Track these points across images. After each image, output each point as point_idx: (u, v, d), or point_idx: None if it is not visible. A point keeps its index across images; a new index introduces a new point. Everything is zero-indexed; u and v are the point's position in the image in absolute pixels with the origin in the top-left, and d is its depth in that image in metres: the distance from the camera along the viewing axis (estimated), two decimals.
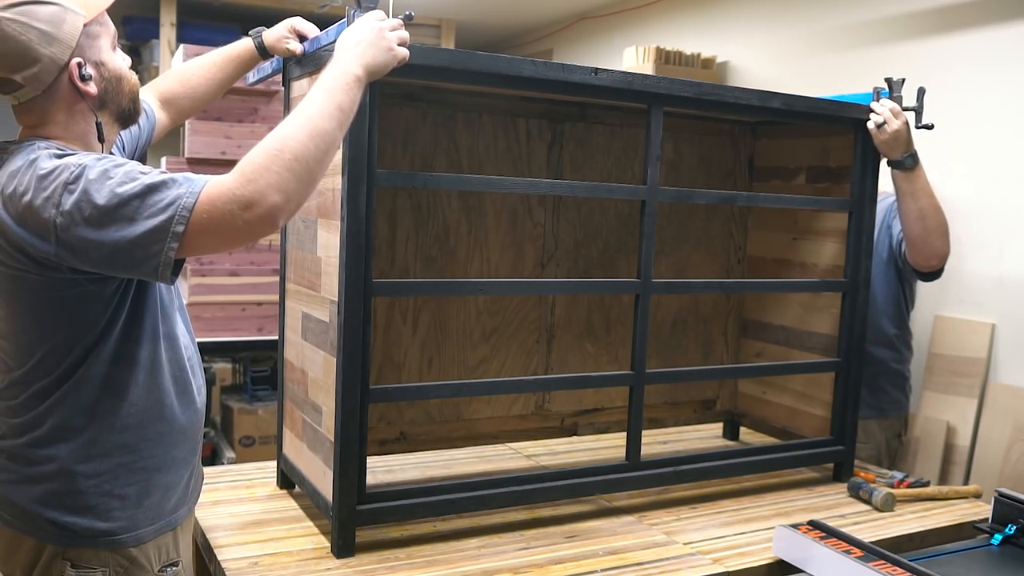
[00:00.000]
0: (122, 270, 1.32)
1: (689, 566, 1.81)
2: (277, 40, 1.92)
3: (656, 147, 2.03)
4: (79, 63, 1.39)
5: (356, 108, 1.43)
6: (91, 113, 1.43)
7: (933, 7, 3.23)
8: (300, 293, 1.97)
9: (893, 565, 1.66)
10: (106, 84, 1.44)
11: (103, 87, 1.43)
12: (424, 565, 1.76)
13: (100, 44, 1.43)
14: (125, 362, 1.43)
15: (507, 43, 6.36)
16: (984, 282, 3.02)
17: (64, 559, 1.40)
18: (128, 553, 1.44)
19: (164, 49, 4.89)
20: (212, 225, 1.26)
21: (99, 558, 1.42)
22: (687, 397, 2.72)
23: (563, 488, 2.02)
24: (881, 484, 2.28)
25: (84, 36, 1.39)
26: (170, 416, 1.49)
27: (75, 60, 1.38)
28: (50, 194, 1.27)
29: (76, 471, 1.41)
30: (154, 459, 1.47)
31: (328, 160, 1.36)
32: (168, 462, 1.50)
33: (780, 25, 3.99)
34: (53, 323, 1.38)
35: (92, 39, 1.41)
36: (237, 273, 4.10)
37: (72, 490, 1.41)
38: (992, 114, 3.00)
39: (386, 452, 2.27)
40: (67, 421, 1.40)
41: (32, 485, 1.41)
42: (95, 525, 1.41)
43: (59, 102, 1.41)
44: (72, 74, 1.39)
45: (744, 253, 2.76)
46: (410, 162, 2.19)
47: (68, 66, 1.38)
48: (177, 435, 1.51)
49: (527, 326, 2.42)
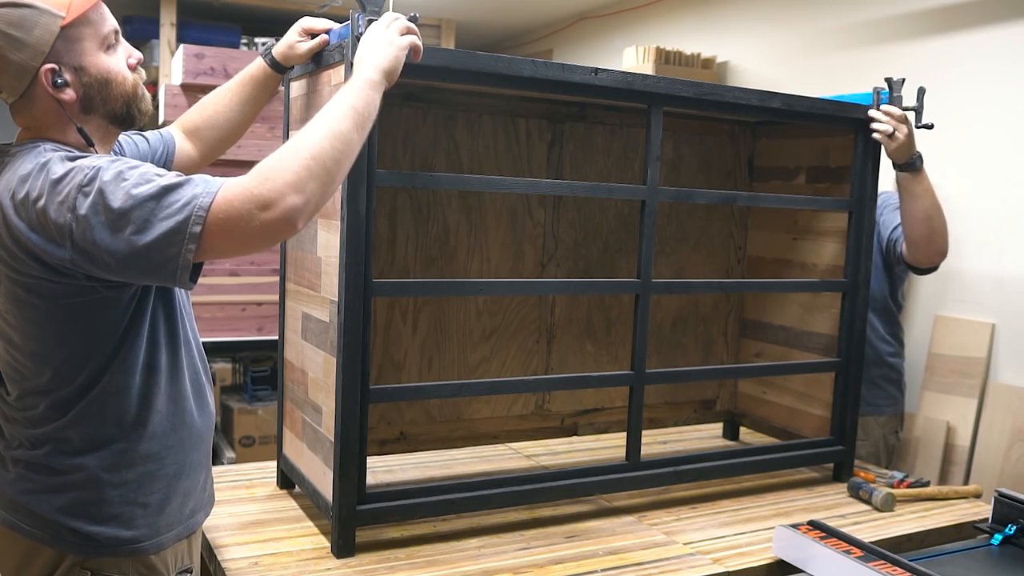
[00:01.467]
0: (140, 276, 1.29)
1: (689, 566, 1.81)
2: (289, 48, 1.84)
3: (656, 147, 2.03)
4: (52, 69, 1.33)
5: (374, 109, 1.42)
6: (73, 118, 1.38)
7: (933, 7, 3.23)
8: (300, 293, 1.97)
9: (893, 565, 1.66)
10: (87, 89, 1.37)
11: (83, 92, 1.37)
12: (424, 565, 1.76)
13: (82, 47, 1.36)
14: (149, 369, 1.41)
15: (507, 43, 6.36)
16: (984, 282, 3.02)
17: (84, 568, 1.38)
18: (148, 561, 1.43)
19: (164, 49, 4.88)
20: (229, 226, 1.23)
21: (119, 567, 1.40)
22: (687, 397, 2.72)
23: (563, 488, 2.02)
24: (881, 484, 2.28)
25: (61, 40, 1.33)
26: (190, 421, 1.48)
27: (47, 66, 1.33)
28: (64, 198, 1.24)
29: (104, 480, 1.38)
30: (175, 465, 1.46)
31: (347, 161, 1.34)
32: (186, 467, 1.49)
33: (780, 25, 3.99)
34: (69, 331, 1.34)
35: (71, 42, 1.34)
36: (237, 273, 4.10)
37: (98, 499, 1.39)
38: (992, 114, 3.00)
39: (386, 452, 2.27)
40: (97, 431, 1.38)
41: (55, 494, 1.38)
42: (119, 534, 1.40)
43: (42, 107, 1.37)
44: (44, 81, 1.34)
45: (744, 253, 2.76)
46: (410, 162, 2.19)
47: (39, 72, 1.33)
48: (195, 439, 1.51)
49: (527, 326, 2.42)
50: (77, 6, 1.34)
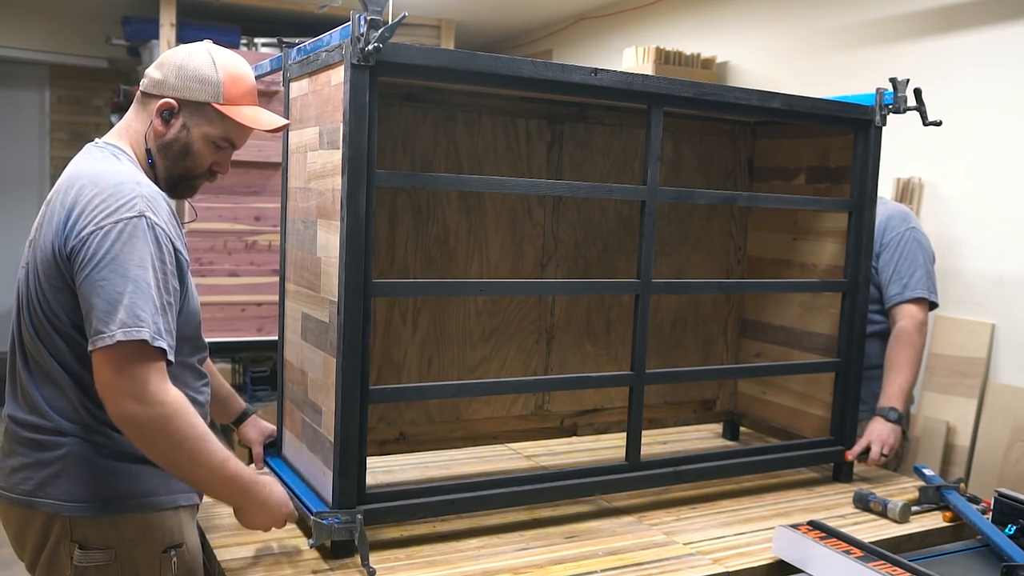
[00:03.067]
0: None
1: (689, 566, 1.81)
2: (254, 438, 2.15)
3: (656, 147, 2.03)
4: (172, 106, 1.60)
5: (209, 487, 1.59)
6: (149, 142, 1.62)
7: (933, 7, 3.23)
8: (300, 293, 1.97)
9: (893, 565, 1.66)
10: (172, 142, 1.62)
11: (169, 139, 1.62)
12: (424, 565, 1.76)
13: (204, 127, 1.62)
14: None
15: (507, 43, 6.36)
16: (984, 282, 3.02)
17: (72, 541, 1.51)
18: (133, 534, 1.54)
19: (164, 49, 4.88)
20: (113, 366, 1.42)
21: (104, 538, 1.52)
22: (687, 397, 2.71)
23: (563, 488, 2.02)
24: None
25: (198, 106, 1.61)
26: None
27: (171, 100, 1.60)
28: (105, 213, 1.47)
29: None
30: None
31: (183, 467, 1.51)
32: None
33: (780, 25, 3.99)
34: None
35: (204, 119, 1.62)
36: (237, 273, 4.10)
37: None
38: (992, 114, 3.01)
39: (386, 452, 2.27)
40: None
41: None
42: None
43: (148, 114, 1.63)
44: (155, 107, 1.60)
45: (744, 253, 2.76)
46: (410, 162, 2.19)
47: (160, 99, 1.61)
48: None
49: (527, 326, 2.42)
50: (236, 114, 1.63)
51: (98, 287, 1.43)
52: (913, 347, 2.45)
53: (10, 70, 6.42)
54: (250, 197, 4.03)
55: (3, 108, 6.55)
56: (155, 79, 1.63)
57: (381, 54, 1.66)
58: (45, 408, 1.53)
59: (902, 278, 2.52)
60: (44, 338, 1.53)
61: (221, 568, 1.71)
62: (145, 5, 5.05)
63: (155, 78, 1.63)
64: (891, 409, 2.39)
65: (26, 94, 6.61)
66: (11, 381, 1.60)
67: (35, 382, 1.55)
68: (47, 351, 1.53)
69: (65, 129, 6.65)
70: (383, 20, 1.65)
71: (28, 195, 6.48)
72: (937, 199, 3.16)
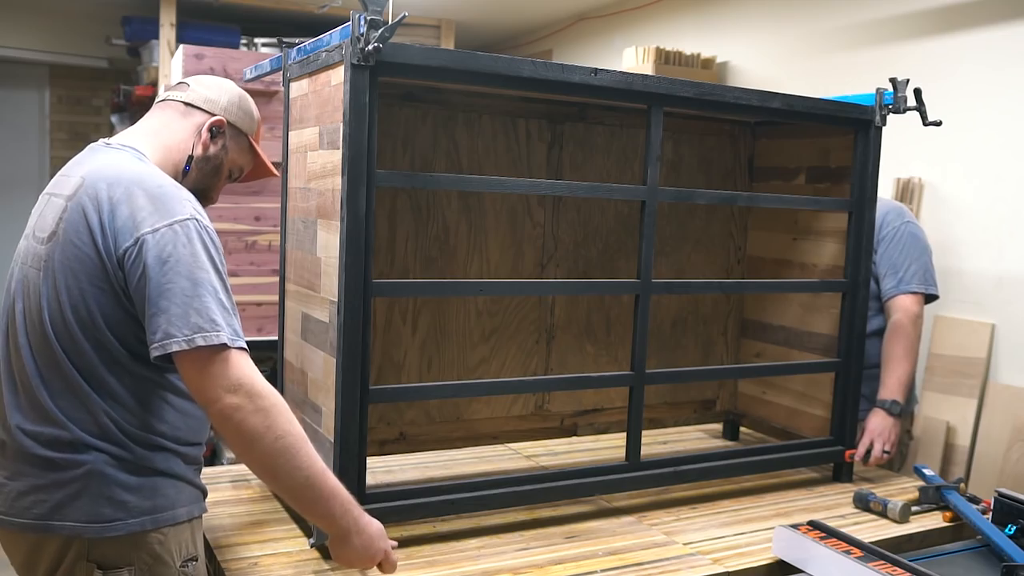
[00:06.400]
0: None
1: (689, 566, 1.81)
2: None
3: (656, 147, 2.03)
4: (220, 126, 1.69)
5: (308, 494, 1.48)
6: (190, 151, 1.66)
7: (933, 7, 3.23)
8: (300, 293, 1.97)
9: (893, 565, 1.66)
10: (212, 157, 1.69)
11: (211, 155, 1.69)
12: (424, 565, 1.76)
13: (235, 157, 1.74)
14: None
15: (507, 43, 6.36)
16: (984, 282, 3.02)
17: (89, 561, 1.45)
18: (152, 550, 1.48)
19: (164, 49, 4.88)
20: (197, 368, 1.41)
21: (124, 557, 1.46)
22: (687, 397, 2.71)
23: (563, 488, 2.02)
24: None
25: (239, 134, 1.72)
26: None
27: (221, 120, 1.68)
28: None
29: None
30: None
31: (283, 468, 1.44)
32: None
33: (780, 25, 3.99)
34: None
35: (239, 148, 1.74)
36: (237, 273, 4.10)
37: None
38: (992, 114, 3.01)
39: (386, 452, 2.27)
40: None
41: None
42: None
43: (192, 125, 1.67)
44: (208, 122, 1.67)
45: (744, 253, 2.76)
46: (410, 162, 2.19)
47: (213, 116, 1.68)
48: None
49: (527, 326, 2.42)
50: (259, 152, 1.78)
51: (165, 290, 1.39)
52: (908, 339, 2.46)
53: (10, 70, 6.42)
54: (250, 197, 4.03)
55: (3, 108, 6.56)
56: (208, 97, 1.69)
57: (381, 54, 1.66)
58: (62, 419, 1.44)
59: (897, 272, 2.54)
60: (65, 342, 1.45)
61: (222, 568, 1.71)
62: (145, 5, 5.05)
63: (208, 96, 1.69)
64: (893, 402, 2.39)
65: (26, 94, 6.61)
66: (11, 389, 1.51)
67: (48, 390, 1.45)
68: (66, 356, 1.44)
69: (65, 129, 6.65)
70: (383, 20, 1.65)
71: (28, 195, 6.46)
72: (937, 199, 3.16)
